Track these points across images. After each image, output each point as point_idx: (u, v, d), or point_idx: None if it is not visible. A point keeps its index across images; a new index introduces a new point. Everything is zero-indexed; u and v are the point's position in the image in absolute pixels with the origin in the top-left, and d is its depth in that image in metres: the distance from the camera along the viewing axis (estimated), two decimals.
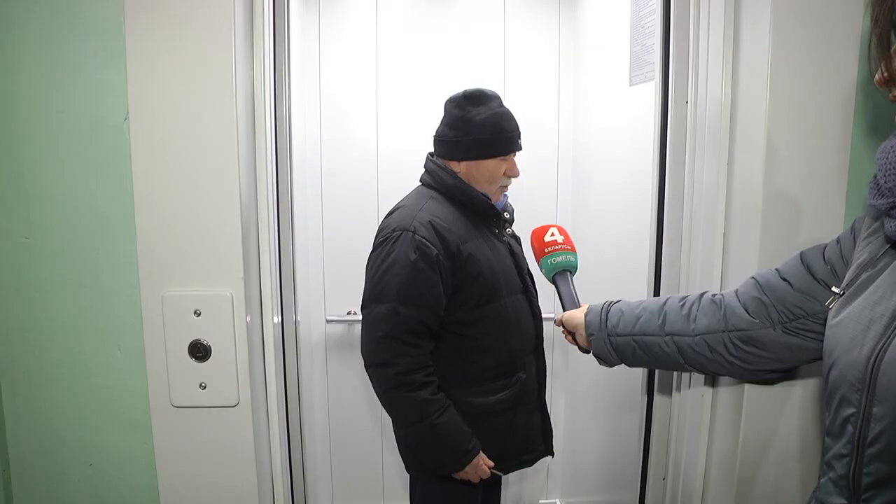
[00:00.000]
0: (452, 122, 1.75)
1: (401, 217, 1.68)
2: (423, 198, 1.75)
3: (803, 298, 1.02)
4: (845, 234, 0.99)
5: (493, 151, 1.74)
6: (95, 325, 1.22)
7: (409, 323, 1.61)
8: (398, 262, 1.61)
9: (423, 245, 1.60)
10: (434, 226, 1.64)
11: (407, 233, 1.62)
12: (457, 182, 1.74)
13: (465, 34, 2.62)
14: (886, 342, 0.73)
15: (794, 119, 1.20)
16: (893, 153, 0.69)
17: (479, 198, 1.75)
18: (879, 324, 0.75)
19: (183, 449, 1.24)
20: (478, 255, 1.69)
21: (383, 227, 1.71)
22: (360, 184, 2.66)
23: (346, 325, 2.73)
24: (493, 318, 1.73)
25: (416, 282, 1.60)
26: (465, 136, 1.72)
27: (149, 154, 1.15)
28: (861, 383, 0.75)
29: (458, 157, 1.76)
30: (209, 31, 1.12)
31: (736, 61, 1.30)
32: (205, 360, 1.19)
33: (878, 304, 0.77)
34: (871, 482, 0.75)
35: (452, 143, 1.75)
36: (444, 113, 1.78)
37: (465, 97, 1.74)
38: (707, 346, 1.13)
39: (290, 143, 1.61)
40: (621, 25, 2.04)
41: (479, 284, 1.69)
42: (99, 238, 1.19)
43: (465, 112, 1.73)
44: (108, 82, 1.14)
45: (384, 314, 1.61)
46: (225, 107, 1.14)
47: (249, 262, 1.22)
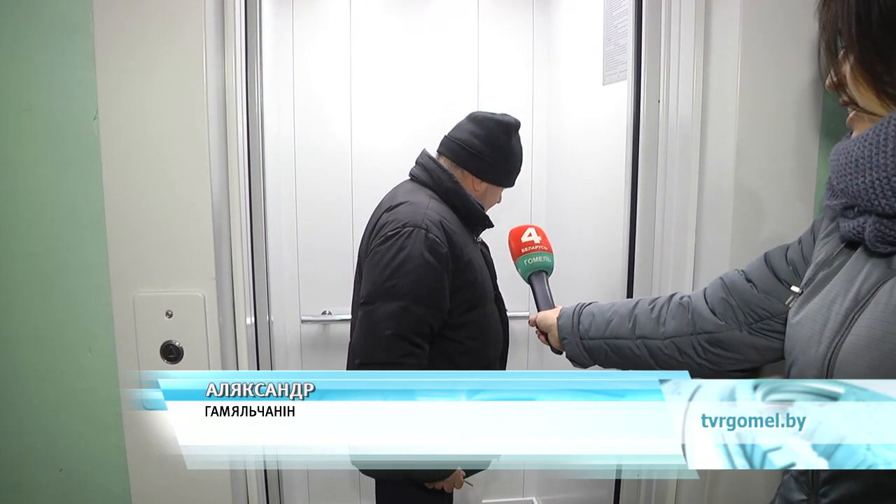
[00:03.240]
0: (497, 146, 1.76)
1: (410, 213, 1.63)
2: (424, 195, 1.71)
3: (767, 299, 1.03)
4: (806, 234, 1.01)
5: (511, 182, 1.82)
6: (66, 326, 1.20)
7: (417, 323, 1.57)
8: (412, 259, 1.56)
9: (437, 244, 1.57)
10: (443, 226, 1.61)
11: (419, 230, 1.57)
12: (456, 187, 1.72)
13: (439, 33, 2.63)
14: (840, 340, 0.75)
15: (764, 119, 1.22)
16: (844, 154, 0.71)
17: (475, 205, 1.74)
18: (834, 322, 0.77)
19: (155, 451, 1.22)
20: (474, 261, 1.68)
21: (389, 219, 1.64)
22: (335, 183, 2.65)
23: (320, 325, 2.72)
24: (478, 324, 1.72)
25: (428, 281, 1.57)
26: (503, 164, 1.77)
27: (119, 153, 1.13)
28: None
29: (487, 179, 1.78)
30: (179, 29, 1.11)
31: (707, 62, 1.31)
32: (177, 362, 1.18)
33: (834, 303, 0.79)
34: (827, 477, 0.77)
35: (488, 164, 1.76)
36: (483, 129, 1.77)
37: (514, 126, 1.78)
38: (676, 349, 1.15)
39: (262, 142, 1.59)
40: (594, 25, 2.05)
41: (472, 290, 1.67)
42: (69, 239, 1.17)
43: (511, 140, 1.77)
44: (77, 81, 1.12)
45: (396, 312, 1.55)
46: (195, 105, 1.13)
47: (221, 263, 1.21)
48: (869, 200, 0.67)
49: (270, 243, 1.84)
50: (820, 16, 0.75)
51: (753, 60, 1.20)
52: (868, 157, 0.67)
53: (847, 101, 0.74)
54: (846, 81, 0.73)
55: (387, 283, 1.57)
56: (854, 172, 0.69)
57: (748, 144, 1.22)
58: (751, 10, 1.19)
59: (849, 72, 0.72)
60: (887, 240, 0.69)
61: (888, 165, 0.64)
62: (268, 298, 1.78)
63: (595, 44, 2.05)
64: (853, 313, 0.75)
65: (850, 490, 0.73)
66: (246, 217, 1.40)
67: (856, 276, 0.78)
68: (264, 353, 1.79)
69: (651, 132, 1.50)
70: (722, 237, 1.26)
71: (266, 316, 1.80)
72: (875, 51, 0.67)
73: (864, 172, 0.67)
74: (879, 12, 0.66)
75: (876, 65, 0.68)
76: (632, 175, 1.59)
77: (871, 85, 0.69)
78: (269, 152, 1.84)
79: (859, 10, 0.68)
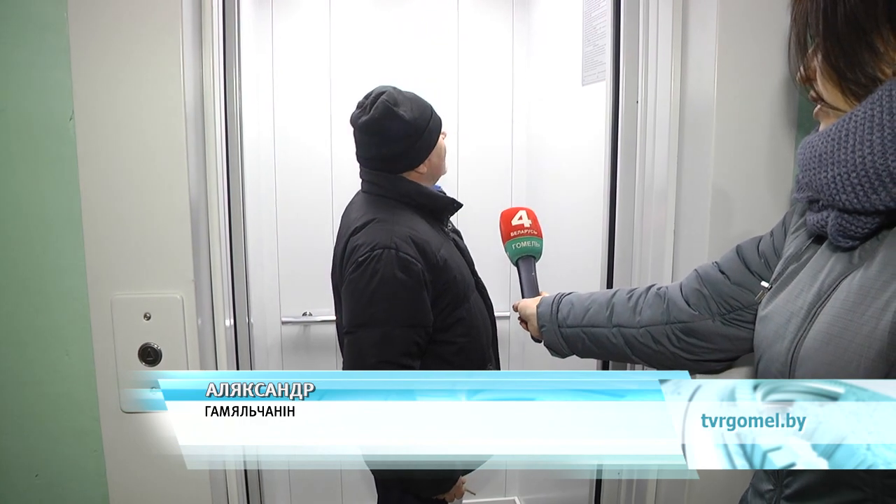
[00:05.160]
0: (396, 135, 1.64)
1: (377, 233, 1.58)
2: (386, 208, 1.66)
3: (739, 291, 1.06)
4: (777, 226, 1.02)
5: (438, 131, 1.71)
6: (42, 330, 1.18)
7: (402, 345, 1.55)
8: (385, 283, 1.52)
9: (408, 262, 1.53)
10: (414, 240, 1.57)
11: (389, 251, 1.53)
12: (415, 186, 1.69)
13: (419, 32, 2.63)
14: (803, 335, 0.76)
15: (741, 116, 1.23)
16: (809, 148, 0.72)
17: (440, 197, 1.72)
18: (798, 317, 0.78)
19: (134, 456, 1.21)
20: (450, 259, 1.66)
21: (358, 243, 1.58)
22: (315, 184, 2.64)
23: (301, 326, 2.71)
24: (466, 319, 1.70)
25: (405, 301, 1.54)
26: (418, 137, 1.66)
27: (95, 154, 1.12)
28: (783, 374, 0.79)
29: (423, 158, 1.69)
30: (156, 29, 1.10)
31: (684, 62, 1.32)
32: (155, 364, 1.17)
33: (798, 298, 0.80)
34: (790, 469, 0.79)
35: (406, 153, 1.67)
36: (373, 135, 1.65)
37: (390, 105, 1.62)
38: (651, 338, 1.17)
39: (241, 143, 1.58)
40: (574, 26, 2.06)
41: (453, 288, 1.65)
42: (45, 241, 1.16)
43: (402, 118, 1.63)
44: (52, 81, 1.11)
45: (377, 339, 1.53)
46: (173, 106, 1.12)
47: (200, 264, 1.20)
48: (831, 195, 0.68)
49: (250, 244, 1.82)
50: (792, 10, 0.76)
51: (730, 59, 1.21)
52: (830, 153, 0.68)
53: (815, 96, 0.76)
54: (815, 76, 0.74)
55: (366, 312, 1.54)
56: (817, 167, 0.70)
57: (726, 141, 1.23)
58: (727, 9, 1.20)
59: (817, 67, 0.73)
60: (848, 234, 0.70)
61: (848, 161, 0.65)
62: (247, 300, 1.77)
63: (574, 44, 2.06)
64: (815, 308, 0.76)
65: (809, 481, 0.76)
66: (225, 218, 1.39)
67: (820, 270, 0.79)
68: (244, 355, 1.78)
69: (630, 133, 1.51)
70: (700, 234, 1.27)
71: (246, 317, 1.79)
72: (839, 48, 0.68)
73: (827, 167, 0.68)
74: (844, 10, 0.67)
75: (840, 61, 0.69)
76: (611, 173, 1.60)
77: (835, 81, 0.71)
78: (249, 152, 1.83)
79: (826, 7, 0.69)
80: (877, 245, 0.71)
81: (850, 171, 0.65)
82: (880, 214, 0.66)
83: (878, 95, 0.63)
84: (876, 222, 0.67)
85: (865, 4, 0.65)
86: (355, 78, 2.56)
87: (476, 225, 1.94)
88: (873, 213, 0.66)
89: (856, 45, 0.67)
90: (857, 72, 0.68)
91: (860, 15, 0.66)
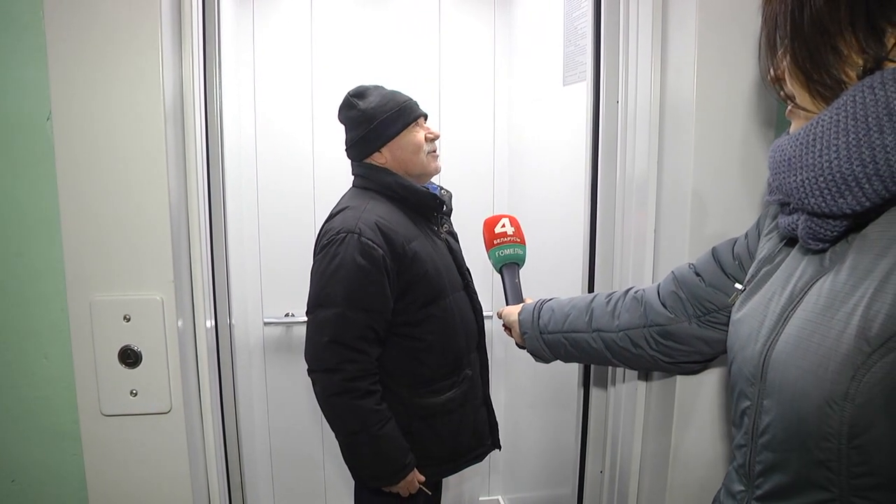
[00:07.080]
0: (353, 123, 1.77)
1: (344, 219, 1.64)
2: (364, 198, 1.72)
3: (714, 293, 1.07)
4: (752, 228, 1.04)
5: (401, 123, 1.75)
6: (20, 332, 1.16)
7: (357, 328, 1.58)
8: (344, 266, 1.58)
9: (370, 247, 1.58)
10: (380, 227, 1.61)
11: (352, 235, 1.59)
12: (395, 178, 1.73)
13: (400, 31, 2.63)
14: (775, 338, 0.77)
15: (721, 117, 1.24)
16: (779, 152, 0.73)
17: (420, 190, 1.75)
18: (770, 319, 0.79)
19: (114, 459, 1.20)
20: (422, 253, 1.68)
21: (327, 229, 1.67)
22: (297, 184, 2.64)
23: (284, 326, 2.70)
24: (439, 318, 1.72)
25: (363, 285, 1.58)
26: (370, 125, 1.74)
27: (73, 154, 1.10)
28: (755, 377, 0.80)
29: (378, 147, 1.76)
30: (134, 27, 1.08)
31: (664, 62, 1.33)
32: (135, 367, 1.16)
33: (771, 301, 0.81)
34: (761, 469, 0.80)
35: (363, 139, 1.76)
36: (342, 124, 1.82)
37: (351, 96, 1.77)
38: (630, 342, 1.18)
39: (221, 142, 1.57)
40: (555, 26, 2.07)
41: (424, 284, 1.68)
42: (22, 242, 1.14)
43: (357, 107, 1.75)
44: (29, 79, 1.09)
45: (331, 318, 1.58)
46: (152, 105, 1.10)
47: (180, 266, 1.19)
48: (800, 199, 0.69)
49: (231, 245, 1.81)
50: (763, 11, 0.78)
51: (710, 59, 1.22)
52: (799, 157, 0.69)
53: (785, 96, 0.77)
54: (784, 77, 0.75)
55: (323, 291, 1.60)
56: (787, 171, 0.71)
57: (706, 142, 1.24)
58: (706, 10, 1.21)
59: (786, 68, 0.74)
60: (818, 237, 0.72)
61: (816, 166, 0.66)
62: (228, 301, 1.75)
63: (555, 44, 2.07)
64: (787, 311, 0.77)
65: (780, 482, 0.76)
66: (205, 219, 1.38)
67: (792, 273, 0.80)
68: (226, 357, 1.77)
69: (610, 133, 1.52)
70: (680, 234, 1.28)
71: (227, 318, 1.77)
72: (806, 49, 0.70)
73: (796, 171, 0.69)
74: (810, 13, 0.68)
75: (806, 63, 0.70)
76: (592, 174, 1.61)
77: (802, 82, 0.72)
78: (230, 150, 1.82)
79: (794, 9, 0.70)
80: (846, 248, 0.72)
81: (818, 175, 0.66)
82: (847, 218, 0.67)
83: (844, 101, 0.65)
84: (844, 225, 0.69)
85: (829, 8, 0.67)
86: (337, 78, 2.56)
87: (458, 227, 1.95)
88: (841, 217, 0.67)
89: (821, 48, 0.68)
90: (823, 73, 0.69)
91: (825, 18, 0.67)
